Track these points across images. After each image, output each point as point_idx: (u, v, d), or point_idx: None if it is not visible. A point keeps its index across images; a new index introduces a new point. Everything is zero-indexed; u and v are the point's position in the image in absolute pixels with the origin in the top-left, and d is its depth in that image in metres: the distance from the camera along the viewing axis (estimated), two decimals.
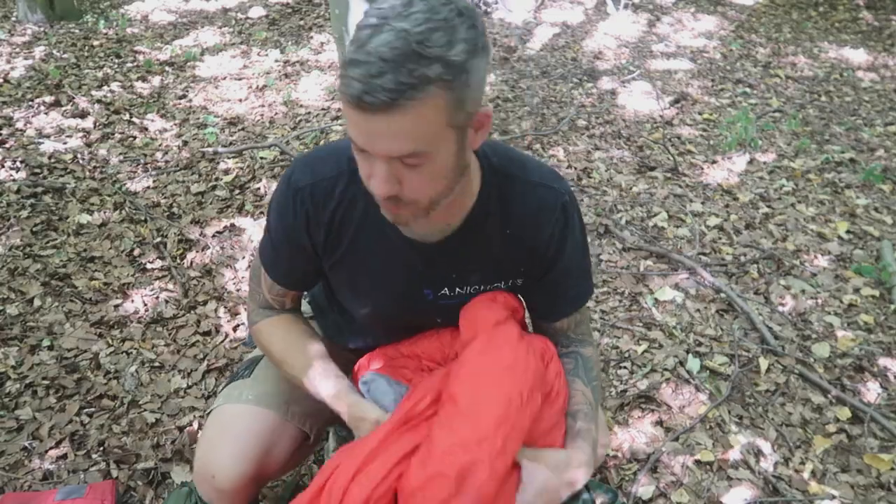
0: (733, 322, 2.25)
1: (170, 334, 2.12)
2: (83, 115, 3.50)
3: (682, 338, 2.16)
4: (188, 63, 4.33)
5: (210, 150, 3.21)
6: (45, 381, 1.89)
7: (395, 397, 1.03)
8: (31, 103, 3.56)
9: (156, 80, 4.04)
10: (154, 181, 2.96)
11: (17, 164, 2.97)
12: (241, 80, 4.11)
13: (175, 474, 1.62)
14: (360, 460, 0.92)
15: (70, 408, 1.81)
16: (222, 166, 3.10)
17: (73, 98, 3.65)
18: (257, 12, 5.42)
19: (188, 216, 2.71)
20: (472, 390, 0.94)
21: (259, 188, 2.92)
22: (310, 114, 3.69)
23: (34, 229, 2.56)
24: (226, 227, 2.65)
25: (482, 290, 1.11)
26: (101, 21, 5.01)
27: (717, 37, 5.42)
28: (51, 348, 2.02)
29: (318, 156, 1.06)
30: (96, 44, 4.57)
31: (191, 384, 1.93)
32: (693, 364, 2.04)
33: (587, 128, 3.69)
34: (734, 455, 1.76)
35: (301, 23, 5.24)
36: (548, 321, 1.18)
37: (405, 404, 0.98)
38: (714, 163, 3.37)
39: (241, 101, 3.84)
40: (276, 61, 4.41)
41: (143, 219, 2.67)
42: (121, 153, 3.17)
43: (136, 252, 2.48)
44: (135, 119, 3.52)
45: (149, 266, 2.41)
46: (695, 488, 1.66)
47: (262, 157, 3.17)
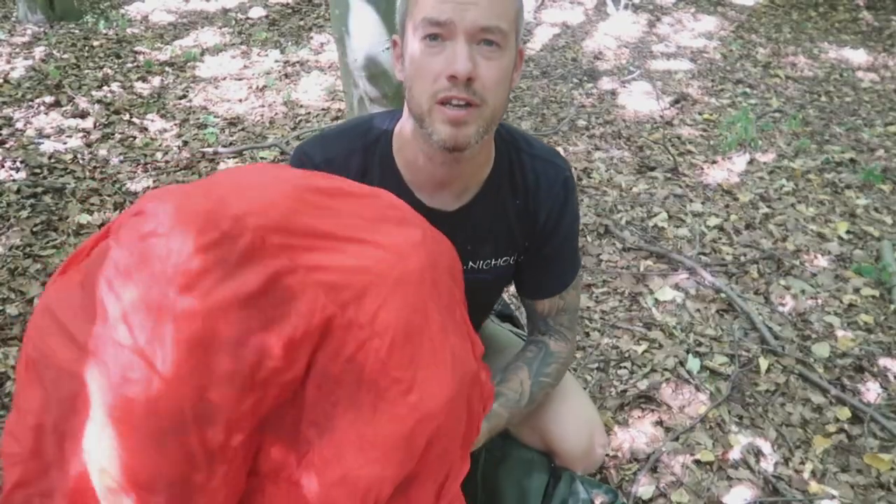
0: (733, 322, 2.25)
1: None
2: (83, 115, 3.50)
3: (682, 338, 2.16)
4: (188, 63, 4.33)
5: (210, 150, 3.21)
6: None
7: None
8: (31, 103, 3.56)
9: (156, 81, 4.04)
10: (154, 181, 2.96)
11: (17, 164, 2.97)
12: (241, 80, 4.11)
13: None
14: None
15: None
16: (222, 166, 3.10)
17: (73, 98, 3.65)
18: (257, 12, 5.42)
19: None
20: None
21: None
22: (310, 114, 3.69)
23: (34, 229, 2.56)
24: None
25: (493, 264, 1.12)
26: (101, 21, 5.01)
27: (717, 37, 5.42)
28: None
29: (328, 135, 1.08)
30: (96, 44, 4.57)
31: None
32: (693, 364, 2.04)
33: (587, 128, 3.69)
34: (734, 455, 1.76)
35: (301, 23, 5.24)
36: (533, 299, 1.18)
37: None
38: (714, 163, 3.37)
39: (241, 101, 3.84)
40: (276, 61, 4.41)
41: None
42: (121, 153, 3.18)
43: None
44: (135, 119, 3.52)
45: None
46: (695, 488, 1.66)
47: (262, 158, 3.17)
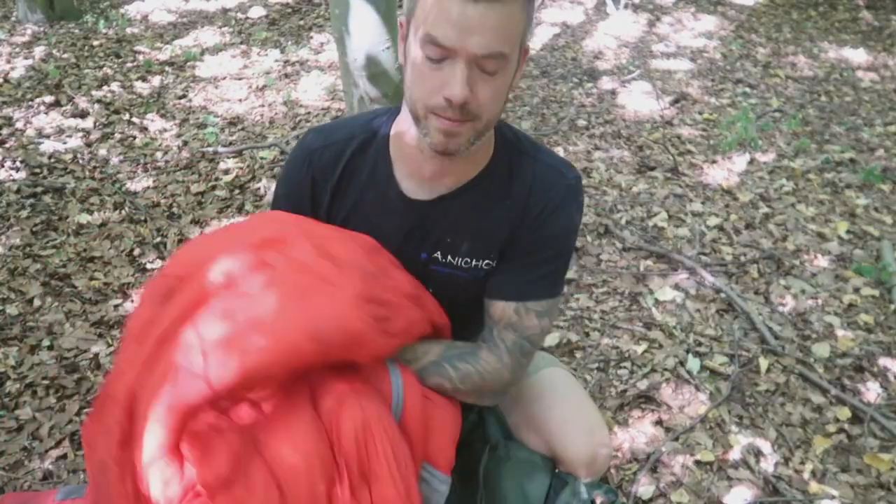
0: (733, 322, 2.25)
1: None
2: (83, 115, 3.50)
3: (682, 338, 2.16)
4: (188, 63, 4.33)
5: (210, 149, 3.21)
6: (45, 381, 1.89)
7: None
8: (31, 103, 3.56)
9: (156, 80, 4.04)
10: (154, 181, 2.96)
11: (17, 164, 2.97)
12: (241, 80, 4.11)
13: None
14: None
15: (70, 408, 1.81)
16: (222, 166, 3.10)
17: (73, 98, 3.65)
18: (257, 12, 5.42)
19: (188, 216, 2.71)
20: None
21: (259, 188, 2.92)
22: (310, 114, 3.69)
23: (34, 229, 2.56)
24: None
25: (472, 264, 1.08)
26: (101, 21, 5.00)
27: (717, 37, 5.42)
28: (51, 348, 2.02)
29: (331, 125, 1.11)
30: (96, 44, 4.57)
31: None
32: (693, 364, 2.04)
33: (587, 128, 3.69)
34: (734, 455, 1.76)
35: (301, 23, 5.23)
36: (487, 297, 1.09)
37: None
38: (714, 163, 3.37)
39: (241, 101, 3.84)
40: (276, 61, 4.41)
41: (142, 219, 2.67)
42: (121, 153, 3.18)
43: (136, 252, 2.48)
44: (135, 119, 3.52)
45: (149, 266, 2.41)
46: (695, 488, 1.66)
47: (261, 157, 3.17)
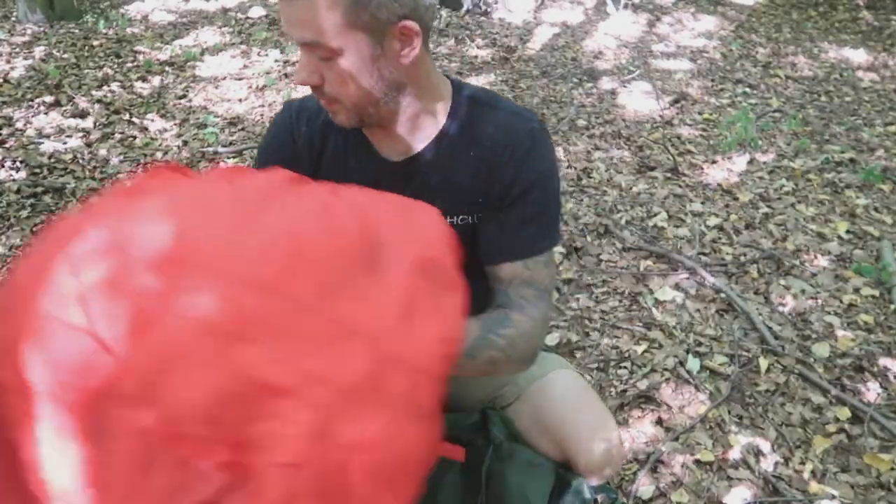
0: (733, 322, 2.25)
1: None
2: (83, 115, 3.50)
3: (682, 338, 2.16)
4: (188, 63, 4.33)
5: (210, 149, 3.21)
6: None
7: None
8: (31, 103, 3.56)
9: (156, 80, 4.04)
10: None
11: (17, 164, 2.97)
12: (241, 80, 4.11)
13: None
14: None
15: None
16: (222, 166, 3.10)
17: (73, 98, 3.65)
18: (257, 12, 5.42)
19: None
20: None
21: None
22: None
23: (34, 229, 2.56)
24: None
25: (449, 221, 1.04)
26: (101, 21, 5.01)
27: (717, 37, 5.42)
28: None
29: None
30: (96, 44, 4.57)
31: None
32: (693, 364, 2.04)
33: (587, 128, 3.69)
34: (734, 455, 1.76)
35: None
36: (492, 264, 1.06)
37: None
38: (714, 163, 3.37)
39: (241, 101, 3.84)
40: (276, 61, 4.41)
41: None
42: (121, 153, 3.18)
43: None
44: (135, 119, 3.52)
45: None
46: (695, 488, 1.66)
47: None
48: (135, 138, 3.34)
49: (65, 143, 3.22)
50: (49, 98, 3.62)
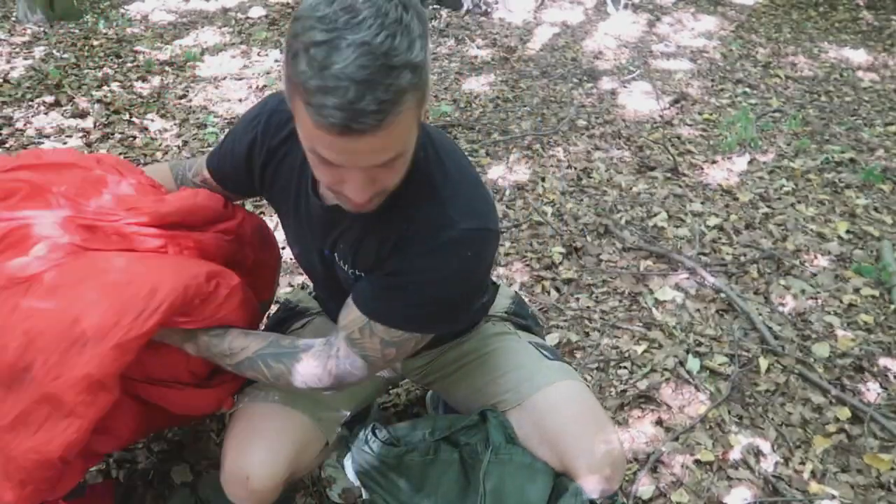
0: (733, 322, 2.25)
1: None
2: (83, 115, 3.50)
3: (681, 338, 2.16)
4: (188, 63, 4.33)
5: (210, 149, 3.21)
6: None
7: None
8: (31, 103, 3.56)
9: (156, 80, 4.04)
10: None
11: None
12: (241, 80, 4.11)
13: (175, 474, 1.62)
14: None
15: None
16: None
17: (73, 98, 3.65)
18: (257, 12, 5.42)
19: None
20: None
21: None
22: None
23: None
24: None
25: (357, 275, 1.07)
26: (101, 21, 5.01)
27: (717, 37, 5.42)
28: None
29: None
30: (96, 44, 4.57)
31: None
32: (693, 364, 2.04)
33: (587, 128, 3.69)
34: (734, 455, 1.76)
35: None
36: (350, 298, 1.08)
37: None
38: (714, 163, 3.37)
39: (241, 101, 3.84)
40: (276, 61, 4.41)
41: None
42: (121, 153, 3.17)
43: None
44: (135, 119, 3.52)
45: None
46: (695, 488, 1.66)
47: None
48: (135, 138, 3.33)
49: (65, 143, 3.22)
50: (49, 98, 3.62)
